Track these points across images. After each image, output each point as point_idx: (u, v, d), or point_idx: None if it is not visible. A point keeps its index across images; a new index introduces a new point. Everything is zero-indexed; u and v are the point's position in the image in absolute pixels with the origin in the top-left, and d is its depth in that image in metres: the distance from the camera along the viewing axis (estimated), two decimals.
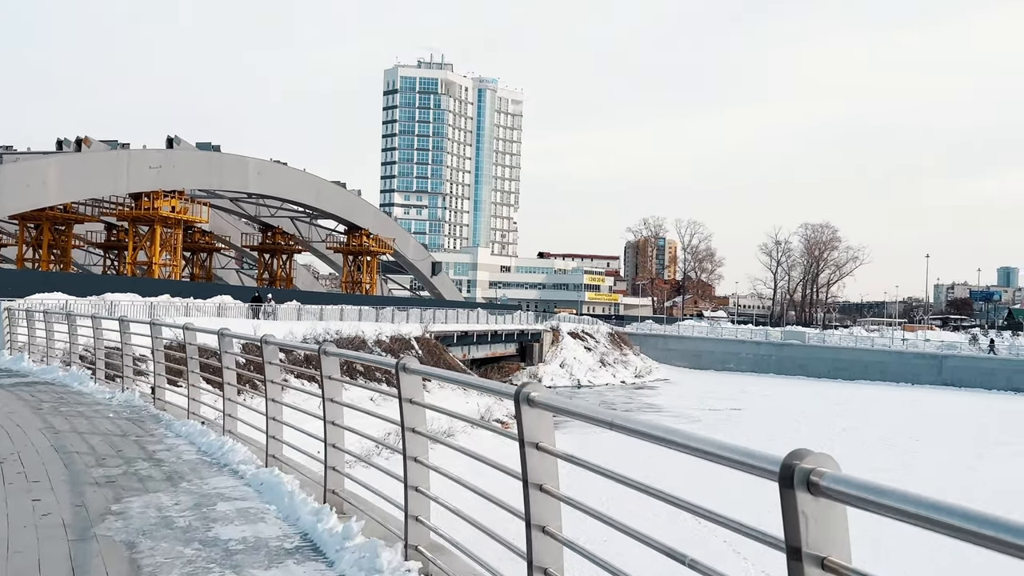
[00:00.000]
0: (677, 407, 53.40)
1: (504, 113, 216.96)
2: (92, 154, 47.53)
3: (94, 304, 31.69)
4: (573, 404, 3.25)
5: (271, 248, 75.80)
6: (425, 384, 19.92)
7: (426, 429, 4.73)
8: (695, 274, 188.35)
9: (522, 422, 3.41)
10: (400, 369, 4.58)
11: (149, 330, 10.98)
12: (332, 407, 5.78)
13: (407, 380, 4.62)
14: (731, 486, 8.11)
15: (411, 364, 4.58)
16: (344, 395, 6.09)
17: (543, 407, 3.36)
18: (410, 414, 4.66)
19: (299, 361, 34.39)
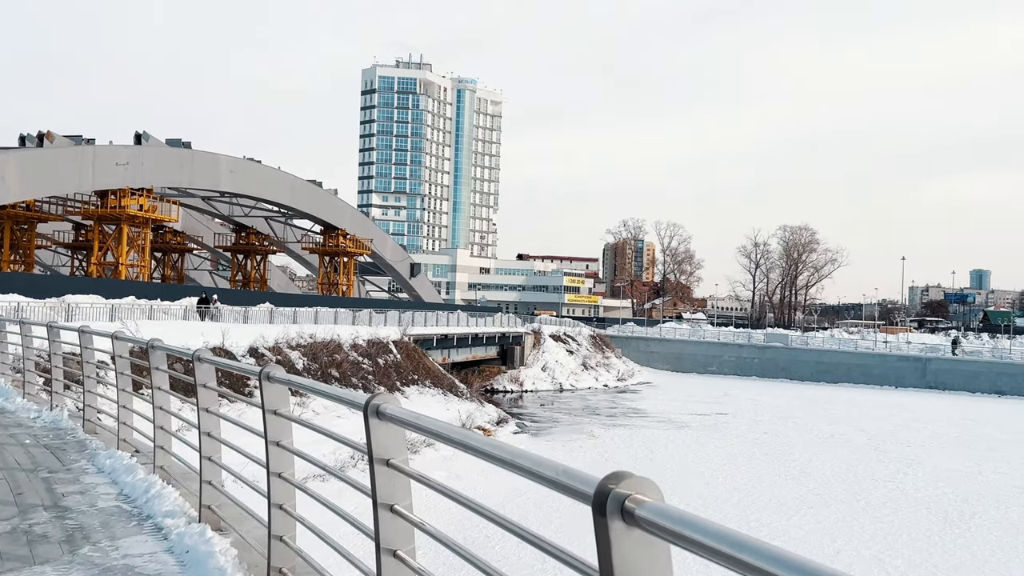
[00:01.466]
0: (662, 412, 52.16)
1: (483, 114, 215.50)
2: (55, 150, 45.44)
3: (51, 307, 29.84)
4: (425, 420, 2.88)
5: (245, 249, 73.81)
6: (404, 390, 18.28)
7: (291, 443, 4.35)
8: (674, 276, 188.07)
9: (371, 437, 3.10)
10: (263, 378, 4.26)
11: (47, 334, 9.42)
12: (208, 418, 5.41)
13: (271, 390, 4.29)
14: None
15: (275, 372, 4.24)
16: None
17: (394, 422, 3.05)
18: (275, 427, 4.29)
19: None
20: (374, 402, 3.07)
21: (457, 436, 2.67)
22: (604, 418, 48.56)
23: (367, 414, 3.08)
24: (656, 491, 1.85)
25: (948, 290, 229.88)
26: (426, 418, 2.92)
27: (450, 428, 2.75)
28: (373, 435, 3.09)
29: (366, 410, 3.08)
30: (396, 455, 3.13)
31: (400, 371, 41.35)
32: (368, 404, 3.07)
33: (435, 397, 41.56)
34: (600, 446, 37.43)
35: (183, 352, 5.47)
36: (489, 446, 2.51)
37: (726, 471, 32.27)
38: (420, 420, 2.89)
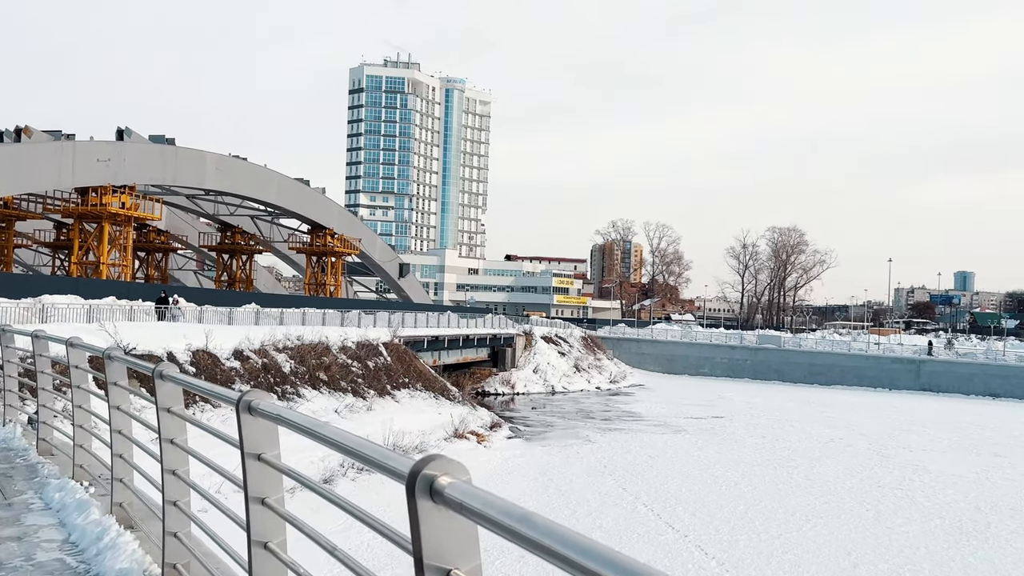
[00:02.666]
0: (657, 415, 51.19)
1: (472, 114, 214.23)
2: (33, 145, 43.92)
3: (26, 307, 28.46)
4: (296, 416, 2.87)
5: (230, 248, 72.31)
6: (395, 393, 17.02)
7: (185, 441, 4.36)
8: (663, 277, 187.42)
9: (242, 432, 3.12)
10: (156, 376, 4.30)
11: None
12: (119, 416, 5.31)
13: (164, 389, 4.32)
14: None
15: (167, 371, 4.28)
16: None
17: (264, 417, 3.06)
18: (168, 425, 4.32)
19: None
20: (245, 398, 3.10)
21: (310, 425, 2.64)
22: (599, 422, 47.49)
23: (239, 410, 3.12)
24: (465, 472, 1.89)
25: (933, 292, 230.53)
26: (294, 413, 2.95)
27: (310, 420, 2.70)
28: (244, 430, 3.13)
29: (238, 406, 3.11)
30: (268, 450, 3.16)
31: (391, 374, 40.13)
32: (240, 400, 3.11)
33: (427, 401, 40.35)
34: (597, 452, 36.32)
35: (145, 367, 4.48)
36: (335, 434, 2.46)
37: (729, 478, 31.24)
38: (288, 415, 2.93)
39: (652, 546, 21.32)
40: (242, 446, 3.15)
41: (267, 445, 3.16)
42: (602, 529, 22.71)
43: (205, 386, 3.97)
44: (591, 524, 23.22)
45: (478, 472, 30.26)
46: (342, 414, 33.15)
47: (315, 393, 33.49)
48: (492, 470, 30.89)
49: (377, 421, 32.25)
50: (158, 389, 4.29)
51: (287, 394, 31.75)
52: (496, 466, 31.69)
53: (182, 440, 4.32)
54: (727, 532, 22.96)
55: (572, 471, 31.74)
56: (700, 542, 21.74)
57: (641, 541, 21.74)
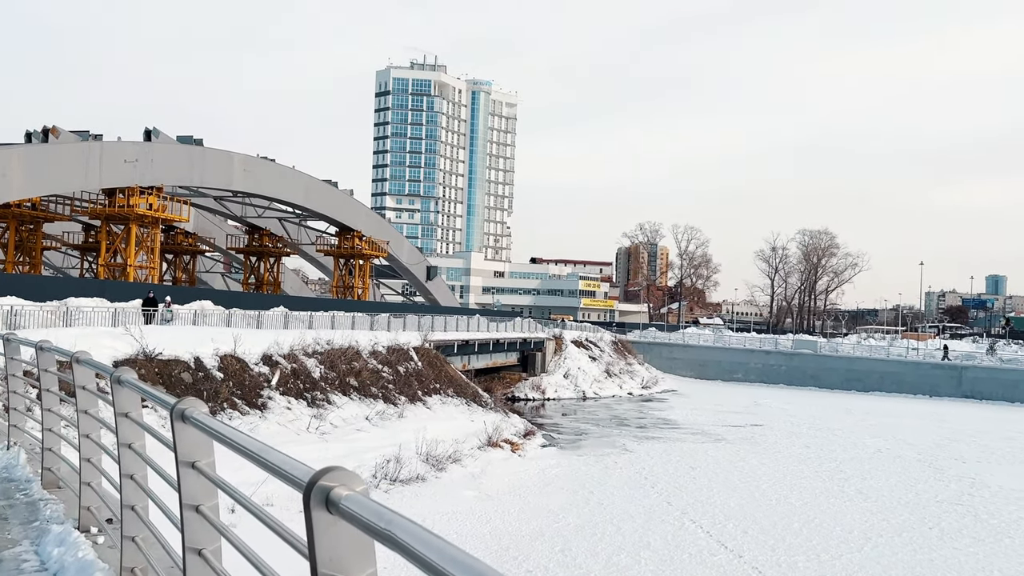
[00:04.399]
0: (694, 422, 49.68)
1: (498, 116, 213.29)
2: (60, 146, 43.34)
3: (50, 311, 27.65)
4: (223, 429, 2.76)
5: (258, 250, 71.72)
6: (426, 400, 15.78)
7: (143, 447, 4.21)
8: (690, 280, 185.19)
9: (176, 439, 3.11)
10: (113, 381, 4.19)
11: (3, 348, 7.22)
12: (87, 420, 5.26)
13: (122, 393, 4.21)
14: None
15: (125, 376, 4.12)
16: None
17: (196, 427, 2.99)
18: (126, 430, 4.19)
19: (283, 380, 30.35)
20: (179, 406, 3.05)
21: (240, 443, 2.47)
22: (634, 429, 46.10)
23: (172, 417, 3.06)
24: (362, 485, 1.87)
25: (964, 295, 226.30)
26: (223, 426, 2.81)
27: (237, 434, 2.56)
28: (178, 438, 3.09)
29: (172, 413, 3.06)
30: (202, 458, 3.10)
31: (422, 379, 39.05)
32: (173, 408, 3.06)
33: (458, 407, 39.22)
34: (636, 462, 34.95)
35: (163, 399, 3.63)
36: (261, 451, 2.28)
37: (777, 491, 29.76)
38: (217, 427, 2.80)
39: (705, 567, 19.99)
40: (176, 452, 3.12)
41: (201, 453, 3.11)
42: (650, 547, 21.39)
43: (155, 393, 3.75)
44: (638, 541, 21.91)
45: (515, 483, 29.06)
46: (373, 421, 32.08)
47: (345, 399, 32.47)
48: (529, 481, 29.64)
49: (410, 429, 31.13)
50: (115, 393, 4.24)
51: (317, 400, 30.74)
52: (533, 477, 30.43)
53: (139, 446, 4.24)
54: (784, 552, 21.54)
55: (612, 482, 30.41)
56: (757, 563, 20.36)
57: (693, 562, 20.40)
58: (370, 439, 30.02)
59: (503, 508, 25.07)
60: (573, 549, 20.97)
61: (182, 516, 3.10)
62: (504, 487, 28.19)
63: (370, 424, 31.74)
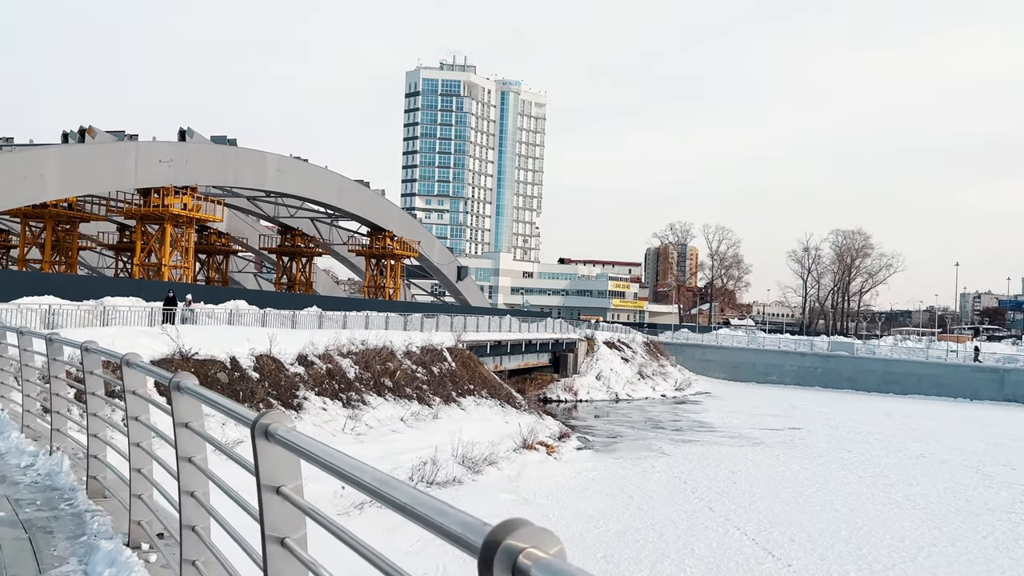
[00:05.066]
0: (730, 425, 48.85)
1: (527, 116, 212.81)
2: (96, 146, 43.56)
3: (87, 310, 27.62)
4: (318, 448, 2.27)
5: (290, 251, 71.91)
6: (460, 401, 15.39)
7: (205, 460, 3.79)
8: (721, 281, 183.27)
9: (258, 460, 2.58)
10: (173, 388, 3.74)
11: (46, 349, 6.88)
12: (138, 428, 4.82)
13: (182, 402, 3.75)
14: None
15: (185, 383, 3.66)
16: None
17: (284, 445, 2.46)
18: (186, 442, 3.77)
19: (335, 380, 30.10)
20: (262, 421, 2.55)
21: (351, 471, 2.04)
22: (670, 432, 45.39)
23: (254, 434, 2.58)
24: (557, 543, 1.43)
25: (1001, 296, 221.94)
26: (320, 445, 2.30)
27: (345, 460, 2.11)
28: (261, 459, 2.61)
29: (253, 430, 2.57)
30: (288, 482, 2.62)
31: (455, 380, 38.68)
32: (255, 424, 2.57)
33: (492, 408, 38.80)
34: (674, 466, 34.29)
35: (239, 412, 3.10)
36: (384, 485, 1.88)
37: (821, 497, 28.98)
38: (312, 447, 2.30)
39: None
40: (258, 476, 2.66)
41: (287, 477, 2.64)
42: (695, 555, 20.79)
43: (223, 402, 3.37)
44: (682, 549, 21.32)
45: (552, 487, 28.56)
46: (408, 422, 31.77)
47: (380, 400, 32.18)
48: (566, 485, 29.12)
49: (444, 430, 30.75)
50: (175, 402, 3.86)
51: (352, 401, 30.49)
52: (570, 481, 29.91)
53: (201, 459, 3.87)
54: (834, 562, 20.84)
55: (650, 487, 29.80)
56: (807, 573, 19.69)
57: (740, 570, 19.77)
58: (405, 440, 29.69)
59: (541, 512, 24.58)
60: (615, 556, 20.44)
61: (264, 549, 2.64)
62: (541, 490, 27.70)
63: (405, 425, 31.43)
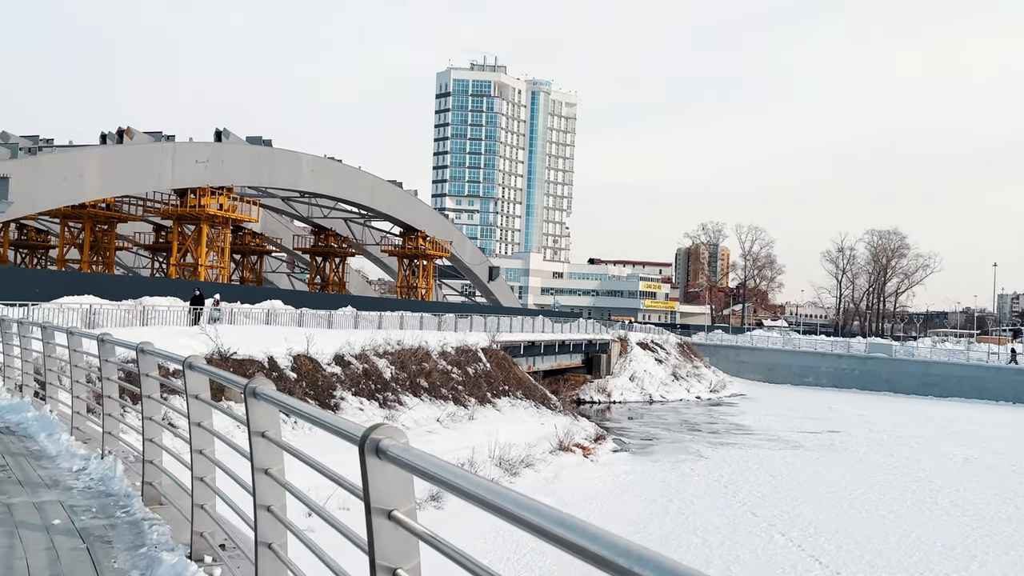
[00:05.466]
0: (767, 428, 48.14)
1: (557, 116, 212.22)
2: (134, 146, 43.95)
3: (127, 309, 27.76)
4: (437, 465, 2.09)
5: (324, 251, 72.18)
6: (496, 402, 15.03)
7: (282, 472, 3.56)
8: (754, 281, 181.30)
9: (368, 480, 2.32)
10: (248, 394, 3.51)
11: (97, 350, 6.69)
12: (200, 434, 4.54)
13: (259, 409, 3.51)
14: None
15: (262, 388, 3.45)
16: None
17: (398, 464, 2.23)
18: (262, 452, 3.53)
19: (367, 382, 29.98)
20: (373, 436, 2.28)
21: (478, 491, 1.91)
22: (706, 435, 44.81)
23: (363, 451, 2.31)
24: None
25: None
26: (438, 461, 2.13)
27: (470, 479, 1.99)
28: (371, 478, 2.33)
29: (363, 446, 2.31)
30: (401, 505, 2.34)
31: (490, 381, 38.45)
32: (366, 439, 2.29)
33: (527, 410, 38.53)
34: (713, 469, 33.77)
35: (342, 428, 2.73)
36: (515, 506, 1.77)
37: (866, 502, 28.33)
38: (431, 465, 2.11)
39: None
40: (367, 498, 2.35)
41: (401, 500, 2.36)
42: (740, 561, 20.34)
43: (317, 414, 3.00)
44: (727, 555, 20.87)
45: (590, 490, 28.21)
46: (444, 423, 31.59)
47: (416, 401, 32.04)
48: (604, 488, 28.75)
49: (481, 431, 30.55)
50: (251, 409, 3.63)
51: (388, 401, 30.38)
52: (608, 483, 29.54)
53: (278, 471, 3.65)
54: (883, 569, 20.29)
55: (690, 491, 29.34)
56: None
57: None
58: (442, 441, 29.48)
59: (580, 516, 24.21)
60: None
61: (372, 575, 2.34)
62: (579, 493, 27.35)
63: (441, 426, 31.25)
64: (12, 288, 28.86)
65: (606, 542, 1.52)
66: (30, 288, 30.84)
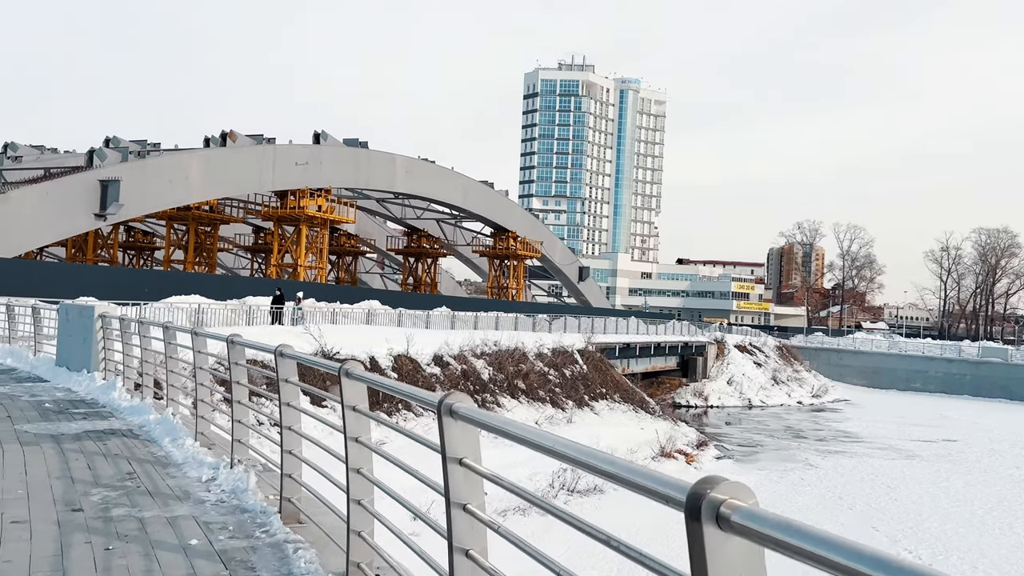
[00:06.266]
0: (877, 436, 45.79)
1: (646, 114, 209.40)
2: (237, 149, 44.90)
3: (232, 308, 28.09)
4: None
5: (416, 251, 72.69)
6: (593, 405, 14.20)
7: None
8: (852, 282, 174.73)
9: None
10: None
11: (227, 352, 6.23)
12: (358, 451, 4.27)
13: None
14: None
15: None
16: None
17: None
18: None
19: None
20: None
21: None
22: (812, 442, 42.89)
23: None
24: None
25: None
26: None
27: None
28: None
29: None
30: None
31: (588, 383, 37.64)
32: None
33: (626, 414, 37.54)
34: (825, 479, 32.13)
35: None
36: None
37: (998, 519, 26.36)
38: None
39: None
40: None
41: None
42: None
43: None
44: None
45: None
46: (542, 426, 30.93)
47: (514, 402, 31.54)
48: None
49: (579, 435, 29.75)
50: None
51: (487, 403, 29.96)
52: None
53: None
54: None
55: (802, 502, 27.89)
56: None
57: None
58: None
59: None
60: None
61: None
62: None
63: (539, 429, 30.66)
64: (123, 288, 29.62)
65: None
66: (139, 288, 31.64)
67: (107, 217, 39.22)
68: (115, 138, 47.43)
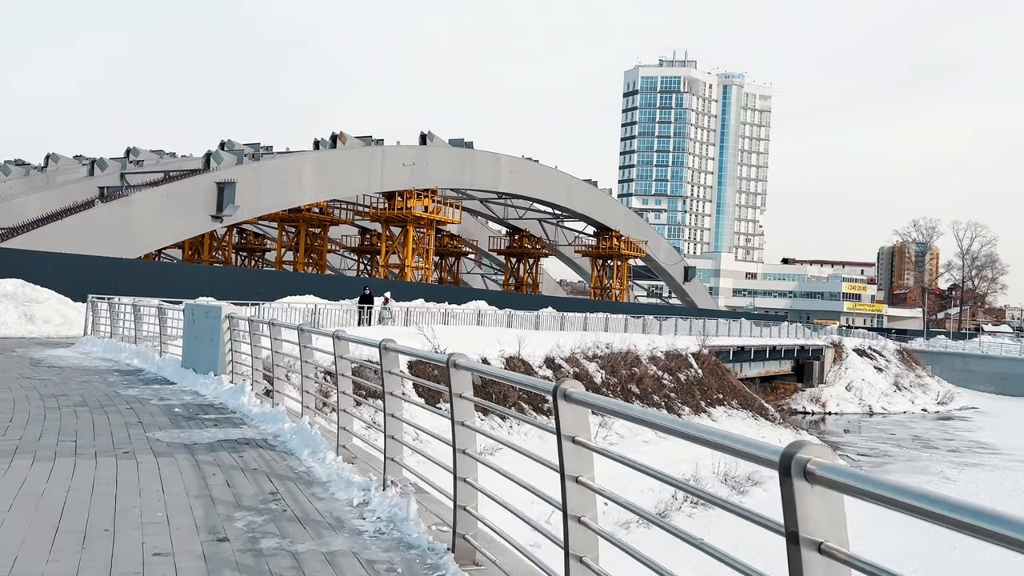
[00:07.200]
0: (1016, 447, 42.49)
1: (751, 110, 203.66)
2: (347, 150, 45.30)
3: (346, 309, 28.01)
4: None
5: (518, 252, 72.22)
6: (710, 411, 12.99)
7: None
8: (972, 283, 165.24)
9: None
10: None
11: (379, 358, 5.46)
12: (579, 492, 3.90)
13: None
14: None
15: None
16: None
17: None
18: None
19: None
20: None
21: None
22: (945, 453, 40.11)
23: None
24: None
25: None
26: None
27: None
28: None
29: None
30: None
31: (703, 388, 36.13)
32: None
33: (745, 421, 35.85)
34: (965, 494, 29.73)
35: None
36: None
37: None
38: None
39: None
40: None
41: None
42: None
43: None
44: None
45: None
46: (659, 433, 29.77)
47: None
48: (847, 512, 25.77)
49: None
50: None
51: None
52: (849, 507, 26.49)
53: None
54: None
55: None
56: None
57: None
58: (658, 453, 27.58)
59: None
60: None
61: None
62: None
63: (656, 435, 29.31)
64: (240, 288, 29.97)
65: None
66: (254, 288, 32.00)
67: (223, 219, 40.12)
68: (229, 141, 48.62)
